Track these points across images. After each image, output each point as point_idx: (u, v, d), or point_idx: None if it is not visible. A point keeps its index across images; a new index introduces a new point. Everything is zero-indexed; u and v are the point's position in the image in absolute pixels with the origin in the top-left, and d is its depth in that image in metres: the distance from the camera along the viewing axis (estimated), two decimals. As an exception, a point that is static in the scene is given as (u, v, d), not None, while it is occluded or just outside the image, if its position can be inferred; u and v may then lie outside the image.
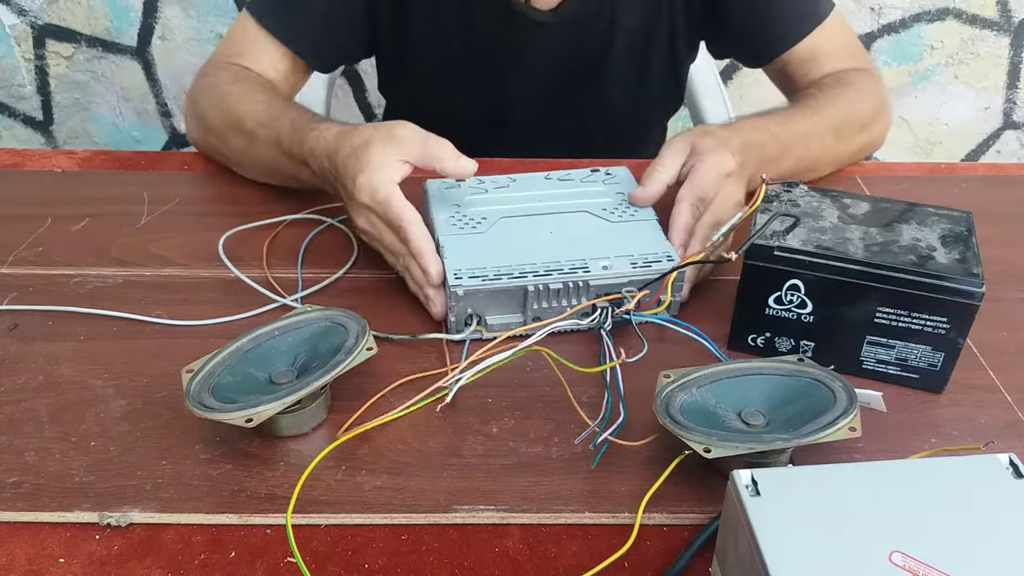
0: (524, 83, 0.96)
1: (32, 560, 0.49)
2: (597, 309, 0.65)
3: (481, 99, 0.98)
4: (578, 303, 0.66)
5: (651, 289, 0.65)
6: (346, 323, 0.60)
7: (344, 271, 0.74)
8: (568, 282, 0.65)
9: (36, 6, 1.74)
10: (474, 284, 0.64)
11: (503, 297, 0.65)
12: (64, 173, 0.89)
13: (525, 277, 0.65)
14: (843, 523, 0.41)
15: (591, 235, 0.70)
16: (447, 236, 0.69)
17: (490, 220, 0.71)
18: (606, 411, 0.58)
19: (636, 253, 0.67)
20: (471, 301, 0.65)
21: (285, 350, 0.59)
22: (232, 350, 0.58)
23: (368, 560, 0.49)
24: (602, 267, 0.66)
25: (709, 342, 0.63)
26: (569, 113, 0.99)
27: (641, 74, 0.98)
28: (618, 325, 0.65)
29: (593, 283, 0.65)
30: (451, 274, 0.65)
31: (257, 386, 0.57)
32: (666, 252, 0.67)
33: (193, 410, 0.53)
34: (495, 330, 0.65)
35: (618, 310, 0.64)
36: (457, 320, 0.66)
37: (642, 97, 1.01)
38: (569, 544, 0.51)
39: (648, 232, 0.70)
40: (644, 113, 1.04)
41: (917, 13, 1.79)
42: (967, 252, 0.60)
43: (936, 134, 1.94)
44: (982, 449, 0.56)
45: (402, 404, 0.59)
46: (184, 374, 0.56)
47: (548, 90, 0.97)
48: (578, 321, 0.65)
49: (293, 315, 0.61)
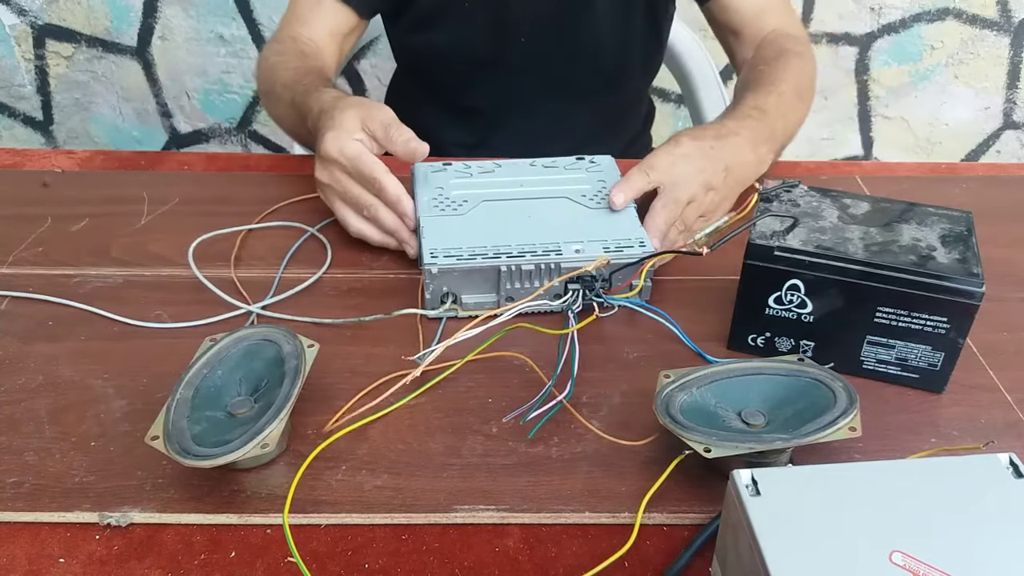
0: (522, 7, 0.99)
1: (32, 560, 0.49)
2: (569, 291, 0.66)
3: (481, 31, 1.00)
4: (552, 285, 0.67)
5: (624, 275, 0.67)
6: (268, 336, 0.59)
7: (322, 272, 0.74)
8: (540, 264, 0.66)
9: (36, 6, 1.74)
10: (449, 263, 0.66)
11: (477, 277, 0.67)
12: (64, 173, 0.89)
13: (499, 258, 0.67)
14: (843, 523, 0.41)
15: (568, 221, 0.72)
16: (428, 217, 0.72)
17: (471, 203, 0.74)
18: (551, 383, 0.58)
19: (610, 239, 0.69)
20: (446, 280, 0.66)
21: (223, 384, 0.57)
22: (179, 400, 0.54)
23: (368, 560, 0.49)
24: (575, 250, 0.67)
25: (678, 330, 0.65)
26: (562, 48, 1.01)
27: (627, 10, 1.01)
28: (590, 309, 0.66)
29: (564, 265, 0.67)
30: (427, 253, 0.67)
31: (226, 425, 0.55)
32: (639, 238, 0.69)
33: (197, 464, 0.50)
34: (470, 309, 0.67)
35: (589, 294, 0.66)
36: (432, 298, 0.67)
37: (627, 39, 1.03)
38: (569, 544, 0.51)
39: (624, 219, 0.72)
40: (628, 59, 1.06)
41: (917, 13, 1.79)
42: (967, 252, 0.60)
43: (936, 134, 1.94)
44: (982, 449, 0.56)
45: (388, 393, 0.59)
46: (151, 442, 0.52)
47: (544, 19, 0.99)
48: (549, 302, 0.67)
49: (204, 351, 0.58)
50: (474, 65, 1.02)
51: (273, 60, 0.94)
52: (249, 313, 0.68)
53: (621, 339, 0.67)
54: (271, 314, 0.69)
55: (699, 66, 1.18)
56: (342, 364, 0.63)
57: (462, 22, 1.00)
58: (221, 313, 0.68)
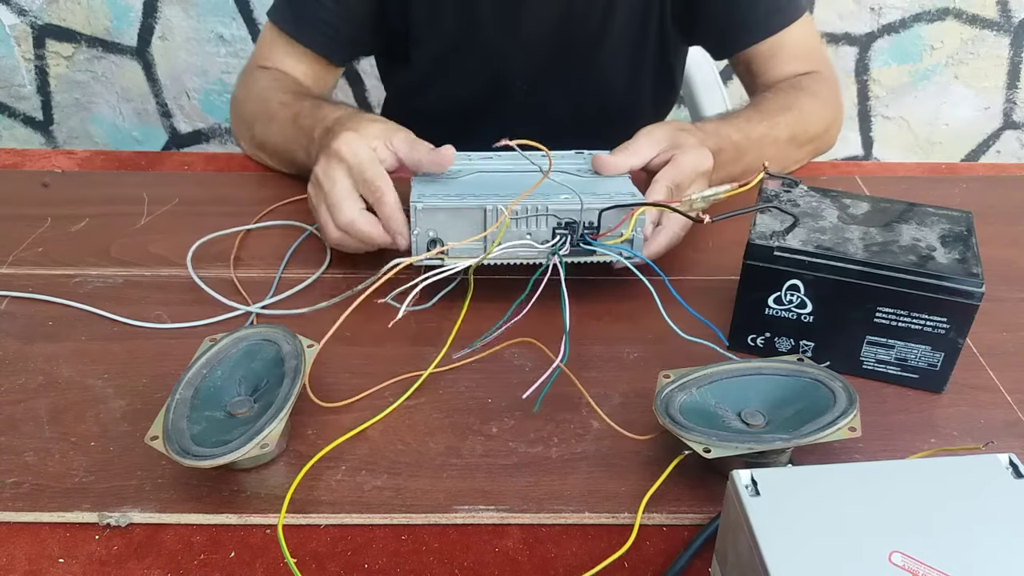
0: (523, 52, 0.98)
1: (32, 560, 0.49)
2: (556, 235, 0.66)
3: (481, 75, 1.00)
4: (538, 230, 0.66)
5: (613, 220, 0.66)
6: (268, 336, 0.59)
7: (321, 272, 0.74)
8: (528, 206, 0.65)
9: (36, 6, 1.74)
10: (435, 202, 0.65)
11: (464, 221, 0.66)
12: (64, 173, 0.89)
13: (487, 199, 0.66)
14: (843, 523, 0.41)
15: (561, 182, 0.70)
16: (420, 178, 0.71)
17: (464, 173, 0.73)
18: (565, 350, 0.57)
19: (600, 191, 0.68)
20: (432, 220, 0.66)
21: (222, 384, 0.57)
22: (179, 400, 0.54)
23: (368, 560, 0.49)
24: (563, 197, 0.66)
25: (664, 277, 0.63)
26: (567, 91, 1.00)
27: (637, 52, 1.00)
28: (577, 254, 0.66)
29: (552, 207, 0.66)
30: (415, 195, 0.66)
31: (225, 425, 0.54)
32: (631, 191, 0.69)
33: (197, 464, 0.50)
34: (457, 255, 0.66)
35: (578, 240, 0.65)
36: (419, 242, 0.66)
37: (637, 80, 1.02)
38: (569, 544, 0.51)
39: (618, 180, 0.72)
40: (638, 101, 1.06)
41: (917, 13, 1.79)
42: (967, 252, 0.60)
43: (936, 134, 1.94)
44: (982, 449, 0.56)
45: (390, 394, 0.59)
46: (150, 442, 0.52)
47: (547, 60, 0.98)
48: (536, 245, 0.66)
49: (203, 351, 0.58)
50: (471, 112, 1.01)
51: (266, 83, 0.91)
52: (249, 313, 0.68)
53: (621, 339, 0.67)
54: (271, 313, 0.69)
55: (699, 67, 1.18)
56: (342, 364, 0.63)
57: (460, 75, 0.99)
58: (221, 313, 0.68)
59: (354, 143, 0.69)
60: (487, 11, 0.94)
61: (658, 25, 0.99)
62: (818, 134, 0.91)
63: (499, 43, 0.97)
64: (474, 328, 0.65)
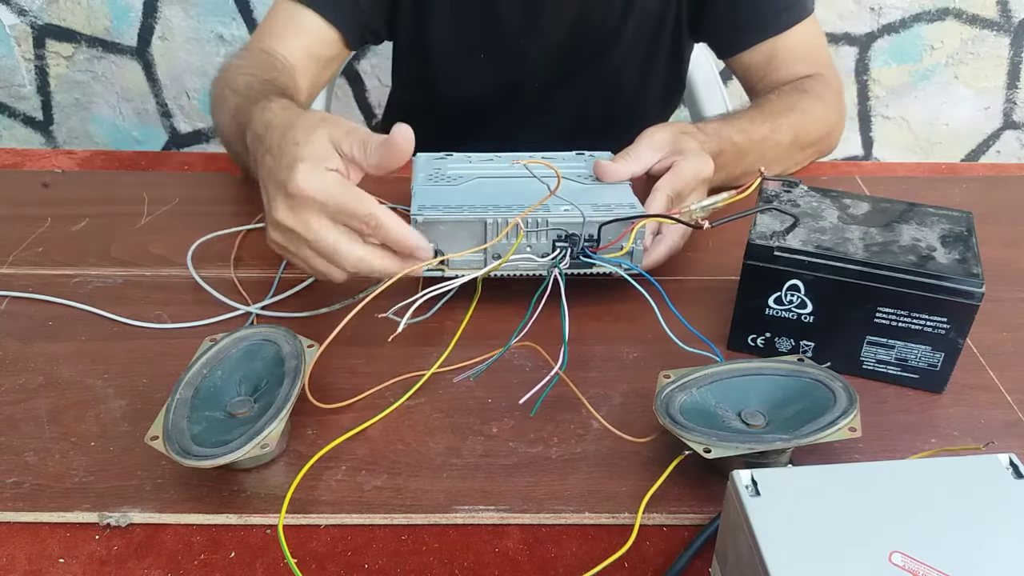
0: (541, 53, 0.97)
1: (32, 560, 0.49)
2: (556, 248, 0.66)
3: (496, 74, 0.99)
4: (538, 243, 0.66)
5: (613, 233, 0.66)
6: (268, 336, 0.59)
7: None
8: (527, 218, 0.65)
9: (36, 6, 1.74)
10: (435, 215, 0.65)
11: (464, 232, 0.66)
12: (64, 173, 0.89)
13: (486, 211, 0.66)
14: (843, 523, 0.41)
15: (561, 191, 0.70)
16: (420, 186, 0.71)
17: (466, 179, 0.73)
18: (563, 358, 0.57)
19: (600, 202, 0.68)
20: (432, 233, 0.65)
21: (223, 384, 0.57)
22: (179, 400, 0.54)
23: (368, 560, 0.49)
24: (563, 209, 0.66)
25: (661, 290, 0.62)
26: (577, 90, 1.00)
27: (650, 52, 1.00)
28: (577, 267, 0.66)
29: (552, 220, 0.66)
30: (415, 207, 0.66)
31: (225, 426, 0.54)
32: (631, 203, 0.68)
33: (197, 464, 0.50)
34: (457, 267, 0.66)
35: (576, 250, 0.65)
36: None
37: (647, 80, 1.02)
38: (569, 544, 0.51)
39: (619, 189, 0.72)
40: (647, 100, 1.05)
41: (917, 13, 1.79)
42: (967, 252, 0.60)
43: (936, 134, 1.94)
44: (982, 449, 0.56)
45: (390, 394, 0.59)
46: (150, 442, 0.52)
47: (561, 60, 0.98)
48: (536, 258, 0.66)
49: (203, 351, 0.58)
50: (482, 108, 1.00)
51: (233, 63, 0.84)
52: (249, 313, 0.68)
53: (621, 339, 0.67)
54: (271, 313, 0.69)
55: (700, 67, 1.18)
56: (342, 364, 0.63)
57: (476, 74, 0.98)
58: (221, 313, 0.68)
59: (313, 177, 0.57)
60: (510, 11, 0.94)
61: (673, 25, 0.98)
62: (820, 137, 0.91)
63: (519, 44, 0.96)
64: (476, 330, 0.65)
